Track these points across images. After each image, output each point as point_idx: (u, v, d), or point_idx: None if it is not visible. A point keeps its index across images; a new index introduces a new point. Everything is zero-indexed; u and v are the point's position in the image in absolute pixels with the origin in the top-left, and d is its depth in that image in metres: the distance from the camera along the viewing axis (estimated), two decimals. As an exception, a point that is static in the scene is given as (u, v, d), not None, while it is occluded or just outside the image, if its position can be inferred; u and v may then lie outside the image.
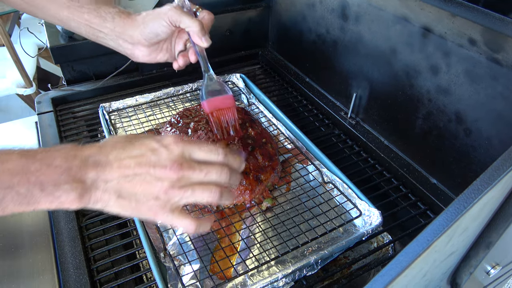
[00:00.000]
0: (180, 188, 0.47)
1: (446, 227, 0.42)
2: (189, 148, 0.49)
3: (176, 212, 0.49)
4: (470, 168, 0.76)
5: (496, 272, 0.59)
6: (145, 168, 0.47)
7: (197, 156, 0.50)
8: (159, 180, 0.47)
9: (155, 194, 0.47)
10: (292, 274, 0.65)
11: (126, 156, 0.47)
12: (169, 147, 0.48)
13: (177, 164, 0.47)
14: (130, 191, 0.47)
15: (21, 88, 1.95)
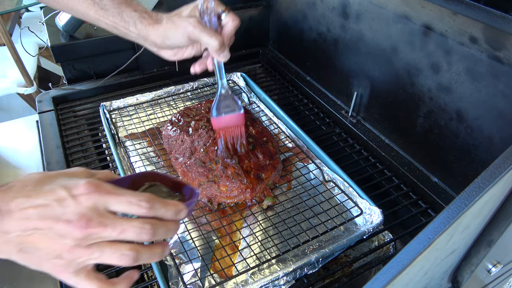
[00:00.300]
0: (86, 247, 0.40)
1: (447, 225, 0.42)
2: (105, 198, 0.41)
3: (81, 274, 0.42)
4: (471, 167, 0.76)
5: (497, 271, 0.59)
6: (48, 222, 0.40)
7: (114, 209, 0.41)
8: (62, 237, 0.40)
9: (57, 252, 0.40)
10: (293, 273, 0.65)
11: (29, 205, 0.40)
12: (79, 198, 0.40)
13: (84, 219, 0.40)
14: (31, 246, 0.40)
15: (22, 87, 1.95)
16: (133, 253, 0.41)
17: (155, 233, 0.42)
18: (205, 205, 0.78)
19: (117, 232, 0.41)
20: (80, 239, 0.40)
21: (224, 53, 0.66)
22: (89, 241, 0.40)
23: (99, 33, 1.10)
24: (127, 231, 0.41)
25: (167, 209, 0.43)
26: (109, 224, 0.40)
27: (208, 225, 0.74)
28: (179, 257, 0.68)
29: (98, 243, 0.41)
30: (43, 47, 2.01)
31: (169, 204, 0.44)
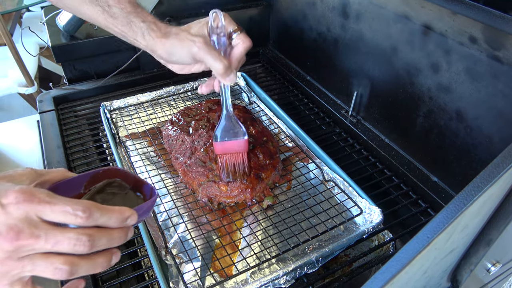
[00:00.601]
0: (18, 260, 0.38)
1: (446, 225, 0.42)
2: (37, 208, 0.38)
3: (17, 286, 0.40)
4: (470, 166, 0.76)
5: (496, 270, 0.59)
6: None
7: (48, 218, 0.39)
8: None
9: None
10: (293, 272, 0.65)
11: None
12: (8, 208, 0.38)
13: (14, 231, 0.37)
14: None
15: (23, 87, 1.95)
16: (68, 267, 0.39)
17: (94, 244, 0.40)
18: (206, 205, 0.78)
19: (50, 244, 0.38)
20: (11, 251, 0.38)
21: (230, 77, 0.63)
22: (21, 254, 0.38)
23: (99, 33, 1.11)
24: (61, 243, 0.39)
25: (109, 217, 0.41)
26: (42, 236, 0.38)
27: (208, 224, 0.74)
28: (180, 257, 0.68)
29: (31, 256, 0.39)
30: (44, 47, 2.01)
31: (112, 211, 0.41)
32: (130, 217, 0.42)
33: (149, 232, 0.70)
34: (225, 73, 0.62)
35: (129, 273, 0.68)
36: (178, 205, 0.77)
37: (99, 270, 0.42)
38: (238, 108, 0.93)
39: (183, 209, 0.77)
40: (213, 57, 0.61)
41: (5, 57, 2.00)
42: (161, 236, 0.71)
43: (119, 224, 0.41)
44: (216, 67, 0.61)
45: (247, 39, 0.66)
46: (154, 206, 0.68)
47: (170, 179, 0.83)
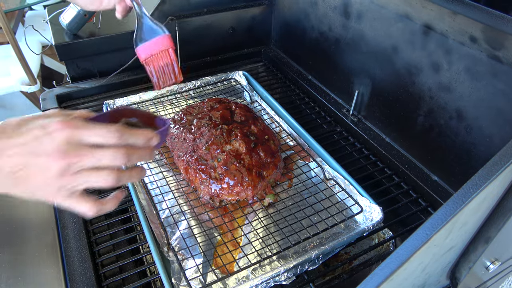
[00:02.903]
0: (72, 175, 0.46)
1: (445, 221, 0.43)
2: (77, 132, 0.46)
3: (74, 197, 0.48)
4: (470, 165, 0.76)
5: (495, 268, 0.60)
6: (30, 158, 0.45)
7: (87, 140, 0.46)
8: (45, 170, 0.45)
9: (46, 182, 0.46)
10: (294, 269, 0.66)
11: (11, 145, 0.45)
12: (53, 134, 0.45)
13: (60, 152, 0.45)
14: (22, 179, 0.46)
15: (26, 85, 1.96)
16: (114, 175, 0.47)
17: (129, 158, 0.48)
18: (207, 202, 0.78)
19: (94, 159, 0.46)
20: (62, 169, 0.45)
21: None
22: (73, 170, 0.45)
23: (102, 31, 1.11)
24: (104, 157, 0.46)
25: (137, 138, 0.49)
26: (86, 154, 0.45)
27: (210, 221, 0.75)
28: (182, 253, 0.69)
29: (82, 170, 0.46)
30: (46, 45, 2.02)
31: (138, 133, 0.49)
32: (153, 138, 0.50)
33: (151, 229, 0.71)
34: None
35: (132, 269, 0.69)
36: (180, 202, 0.78)
37: (135, 179, 0.52)
38: (240, 106, 0.94)
39: (185, 207, 0.77)
40: None
41: (8, 56, 2.00)
42: (163, 233, 0.72)
43: (144, 143, 0.49)
44: None
45: None
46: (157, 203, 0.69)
47: (172, 177, 0.84)
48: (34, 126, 0.46)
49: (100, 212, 0.50)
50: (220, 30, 1.25)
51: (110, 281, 0.67)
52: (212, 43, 1.26)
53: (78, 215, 0.69)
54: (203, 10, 1.19)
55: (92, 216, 0.50)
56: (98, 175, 0.47)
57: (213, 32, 1.24)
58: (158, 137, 0.50)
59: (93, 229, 0.75)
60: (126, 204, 0.80)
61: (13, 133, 0.46)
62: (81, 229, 0.73)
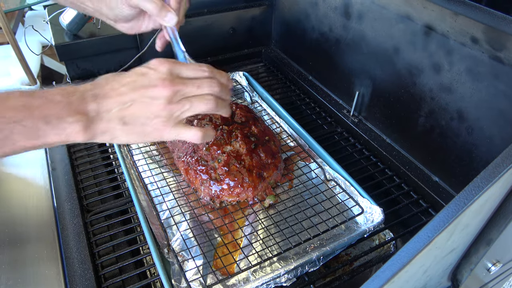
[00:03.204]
0: (177, 102, 0.51)
1: (447, 224, 0.42)
2: (176, 66, 0.52)
3: (180, 125, 0.53)
4: (472, 166, 0.76)
5: (496, 269, 0.60)
6: (139, 91, 0.49)
7: (185, 74, 0.52)
8: (155, 99, 0.49)
9: (155, 113, 0.50)
10: (294, 270, 0.66)
11: (120, 85, 0.50)
12: (157, 68, 0.51)
13: (167, 81, 0.50)
14: (132, 116, 0.50)
15: (25, 85, 1.95)
16: (214, 99, 0.53)
17: (220, 88, 0.54)
18: (208, 203, 0.78)
19: (196, 86, 0.52)
20: (170, 96, 0.50)
21: (168, 16, 0.64)
22: (178, 97, 0.51)
23: (103, 32, 1.11)
24: (203, 85, 0.53)
25: (221, 74, 0.56)
26: (188, 82, 0.52)
27: (210, 223, 0.75)
28: (182, 255, 0.68)
29: (186, 98, 0.52)
30: (46, 45, 2.01)
31: (221, 71, 0.56)
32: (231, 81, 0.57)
33: (151, 230, 0.70)
34: (160, 12, 0.63)
35: (132, 270, 0.69)
36: (180, 203, 0.78)
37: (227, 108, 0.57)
38: (240, 107, 0.94)
39: (186, 208, 0.77)
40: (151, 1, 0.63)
41: (7, 56, 2.00)
42: (163, 234, 0.71)
43: (227, 80, 0.57)
44: (149, 7, 0.63)
45: None
46: (157, 204, 0.70)
47: (173, 178, 0.83)
48: (136, 69, 0.52)
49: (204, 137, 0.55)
50: (220, 31, 1.25)
51: (110, 282, 0.67)
52: (213, 43, 1.26)
53: None
54: (203, 10, 1.19)
55: (199, 141, 0.55)
56: (201, 99, 0.52)
57: (213, 32, 1.23)
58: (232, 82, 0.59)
59: (93, 230, 0.74)
60: (126, 205, 0.80)
61: (118, 78, 0.51)
62: (81, 230, 0.73)
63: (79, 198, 0.79)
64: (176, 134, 0.53)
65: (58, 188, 0.81)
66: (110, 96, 0.49)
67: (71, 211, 0.76)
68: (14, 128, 0.44)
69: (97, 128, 0.49)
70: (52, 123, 0.46)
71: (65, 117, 0.47)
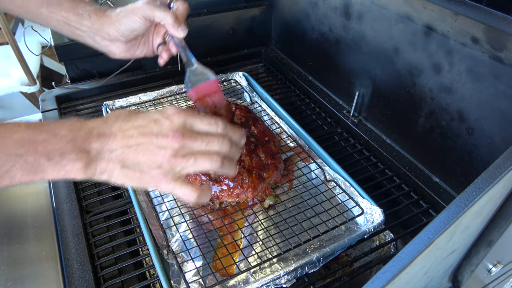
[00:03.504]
0: (183, 156, 0.49)
1: (448, 225, 0.42)
2: (191, 119, 0.51)
3: (178, 181, 0.51)
4: (472, 167, 0.76)
5: (497, 271, 0.59)
6: (148, 138, 0.48)
7: (198, 127, 0.51)
8: (161, 149, 0.48)
9: (158, 163, 0.49)
10: (294, 272, 0.66)
11: (129, 126, 0.49)
12: (171, 117, 0.50)
13: (178, 133, 0.49)
14: (134, 160, 0.48)
15: (25, 86, 1.95)
16: (220, 159, 0.52)
17: (231, 146, 0.53)
18: (207, 204, 0.78)
19: (205, 143, 0.51)
20: (177, 149, 0.49)
21: (182, 27, 0.68)
22: (184, 151, 0.49)
23: (102, 32, 1.11)
24: (212, 142, 0.51)
25: (234, 132, 0.55)
26: (199, 137, 0.50)
27: (210, 224, 0.75)
28: (181, 256, 0.68)
29: (192, 153, 0.50)
30: (46, 46, 2.01)
31: (235, 128, 0.55)
32: (243, 136, 0.56)
33: (150, 231, 0.70)
34: (176, 23, 0.67)
35: (131, 271, 0.69)
36: (180, 204, 0.77)
37: (234, 168, 0.55)
38: (240, 108, 0.93)
39: (185, 209, 0.77)
40: (161, 11, 0.66)
41: (7, 56, 2.00)
42: (162, 235, 0.71)
43: (239, 138, 0.55)
44: (166, 18, 0.66)
45: (184, 3, 0.71)
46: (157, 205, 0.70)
47: (172, 179, 0.83)
48: (151, 114, 0.51)
49: (200, 198, 0.52)
50: (220, 31, 1.25)
51: (109, 283, 0.66)
52: (212, 43, 1.25)
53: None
54: (203, 10, 1.19)
55: (193, 201, 0.52)
56: (207, 157, 0.51)
57: (213, 32, 1.23)
58: (245, 138, 0.57)
59: (92, 231, 0.74)
60: (126, 206, 0.79)
61: (129, 118, 0.50)
62: (80, 231, 0.73)
63: (78, 199, 0.79)
64: (172, 189, 0.51)
65: (57, 189, 0.81)
66: (116, 136, 0.48)
67: (70, 212, 0.76)
68: (16, 163, 0.43)
69: (97, 167, 0.48)
70: (54, 159, 0.45)
71: (68, 153, 0.46)
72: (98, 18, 0.69)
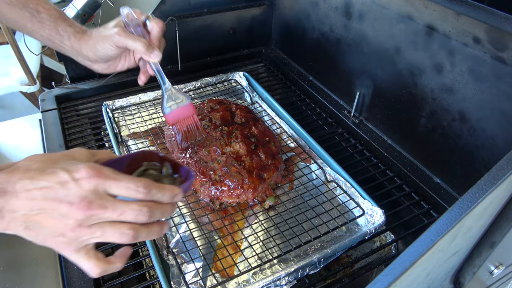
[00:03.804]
0: (88, 227, 0.43)
1: (450, 227, 0.42)
2: (106, 183, 0.44)
3: (82, 252, 0.45)
4: (473, 168, 0.75)
5: (499, 272, 0.59)
6: (51, 203, 0.43)
7: (114, 193, 0.44)
8: (65, 218, 0.43)
9: (60, 231, 0.43)
10: (295, 273, 0.65)
11: (34, 187, 0.43)
12: (80, 181, 0.43)
13: (85, 202, 0.42)
14: (36, 224, 0.43)
15: (25, 85, 1.95)
16: (132, 232, 0.45)
17: (152, 215, 0.45)
18: (207, 205, 0.78)
19: (117, 214, 0.44)
20: (82, 219, 0.43)
21: (154, 53, 0.69)
22: (91, 222, 0.43)
23: (102, 32, 1.10)
24: (126, 213, 0.44)
25: (163, 194, 0.46)
26: (109, 207, 0.43)
27: (210, 224, 0.74)
28: (181, 257, 0.68)
29: (100, 223, 0.44)
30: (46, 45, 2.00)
31: (165, 188, 0.47)
32: (178, 194, 0.48)
33: (150, 232, 0.70)
34: (148, 50, 0.68)
35: (131, 273, 0.68)
36: (180, 205, 0.77)
37: (155, 236, 0.48)
38: (240, 108, 0.93)
39: (185, 209, 0.76)
40: (132, 39, 0.68)
41: (7, 56, 2.00)
42: (162, 236, 0.71)
43: (170, 200, 0.47)
44: (137, 46, 0.68)
45: (159, 21, 0.72)
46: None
47: (172, 179, 0.83)
48: (60, 169, 0.44)
49: (105, 272, 0.47)
50: (220, 31, 1.24)
51: (109, 284, 0.66)
52: (212, 43, 1.25)
53: None
54: (203, 10, 1.19)
55: (96, 276, 0.47)
56: (116, 230, 0.44)
57: (213, 32, 1.23)
58: (182, 193, 0.48)
59: (92, 232, 0.74)
60: (125, 207, 0.79)
61: (37, 174, 0.43)
62: (80, 232, 0.72)
63: (77, 199, 0.79)
64: (75, 260, 0.46)
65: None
66: (18, 196, 0.43)
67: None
68: None
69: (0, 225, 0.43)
70: None
71: None
72: (76, 41, 0.70)
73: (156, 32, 0.71)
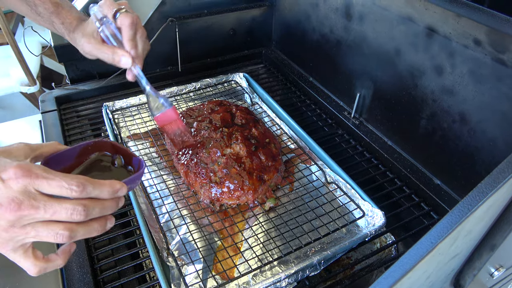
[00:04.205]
0: (21, 227, 0.43)
1: (451, 230, 0.42)
2: (36, 182, 0.42)
3: (19, 252, 0.45)
4: (474, 170, 0.75)
5: (500, 274, 0.59)
6: None
7: (46, 192, 0.43)
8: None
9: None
10: (295, 275, 0.65)
11: None
12: (8, 182, 0.42)
13: (14, 203, 0.41)
14: None
15: (25, 86, 1.95)
16: (67, 232, 0.44)
17: (88, 213, 0.44)
18: (208, 206, 0.78)
19: (49, 214, 0.42)
20: (14, 220, 0.42)
21: (122, 61, 0.67)
22: (23, 222, 0.42)
23: (102, 33, 1.10)
24: (59, 212, 0.43)
25: (101, 190, 0.45)
26: (41, 207, 0.42)
27: (210, 226, 0.74)
28: (181, 258, 0.68)
29: (33, 223, 0.43)
30: (46, 46, 2.01)
31: (104, 184, 0.45)
32: (120, 189, 0.46)
33: (151, 233, 0.70)
34: (114, 60, 0.68)
35: (131, 274, 0.68)
36: (180, 206, 0.77)
37: (95, 234, 0.46)
38: (240, 109, 0.93)
39: (185, 211, 0.76)
40: (97, 50, 0.68)
41: (7, 56, 2.00)
42: (163, 237, 0.71)
43: (110, 196, 0.46)
44: (103, 58, 0.68)
45: (128, 15, 0.67)
46: (157, 208, 0.69)
47: (172, 181, 0.83)
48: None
49: (44, 271, 0.47)
50: (220, 32, 1.24)
51: (109, 286, 0.66)
52: (213, 44, 1.25)
53: None
54: (203, 11, 1.19)
55: (35, 275, 0.46)
56: (50, 230, 0.43)
57: (213, 33, 1.23)
58: (126, 188, 0.46)
59: (92, 234, 0.74)
60: (125, 208, 0.79)
61: None
62: (80, 233, 0.72)
63: (78, 201, 0.79)
64: (13, 259, 0.45)
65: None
66: None
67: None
68: None
69: None
70: None
71: None
72: (70, 39, 0.73)
73: (126, 30, 0.67)
